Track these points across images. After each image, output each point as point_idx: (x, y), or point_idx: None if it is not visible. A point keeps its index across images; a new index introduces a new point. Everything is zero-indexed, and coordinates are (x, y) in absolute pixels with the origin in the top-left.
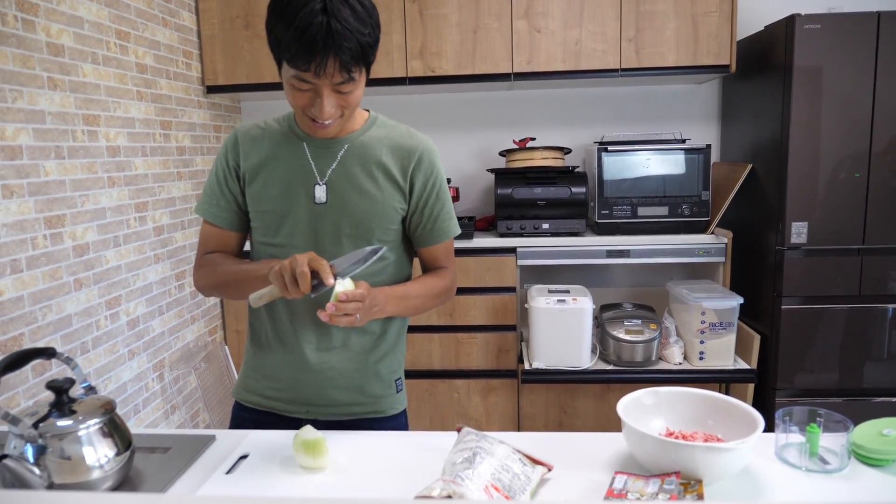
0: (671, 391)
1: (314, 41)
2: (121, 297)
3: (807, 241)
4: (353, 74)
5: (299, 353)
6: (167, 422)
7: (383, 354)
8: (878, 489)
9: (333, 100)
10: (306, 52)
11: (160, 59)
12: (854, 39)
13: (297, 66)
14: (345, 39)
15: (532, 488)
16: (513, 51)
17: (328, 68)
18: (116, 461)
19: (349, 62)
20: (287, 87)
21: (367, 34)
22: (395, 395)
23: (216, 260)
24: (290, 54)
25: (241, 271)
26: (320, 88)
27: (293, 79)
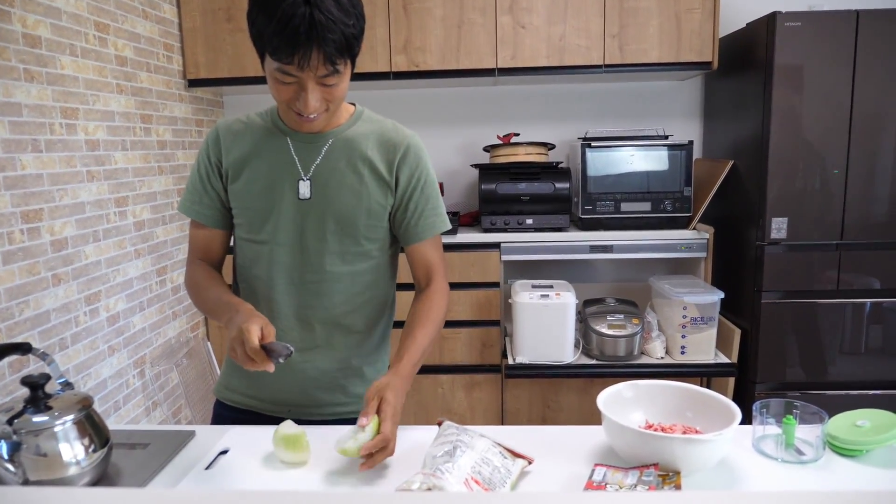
0: (651, 384)
1: (297, 33)
2: (100, 292)
3: (786, 237)
4: (337, 67)
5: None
6: (148, 419)
7: (368, 354)
8: (851, 478)
9: (318, 93)
10: (289, 45)
11: (140, 52)
12: (833, 37)
13: (279, 58)
14: (329, 31)
15: (512, 481)
16: (497, 46)
17: (312, 61)
18: (93, 457)
19: (333, 54)
20: (270, 81)
21: (352, 25)
22: None
23: (198, 282)
24: (273, 47)
25: (211, 309)
26: (304, 81)
27: (276, 72)
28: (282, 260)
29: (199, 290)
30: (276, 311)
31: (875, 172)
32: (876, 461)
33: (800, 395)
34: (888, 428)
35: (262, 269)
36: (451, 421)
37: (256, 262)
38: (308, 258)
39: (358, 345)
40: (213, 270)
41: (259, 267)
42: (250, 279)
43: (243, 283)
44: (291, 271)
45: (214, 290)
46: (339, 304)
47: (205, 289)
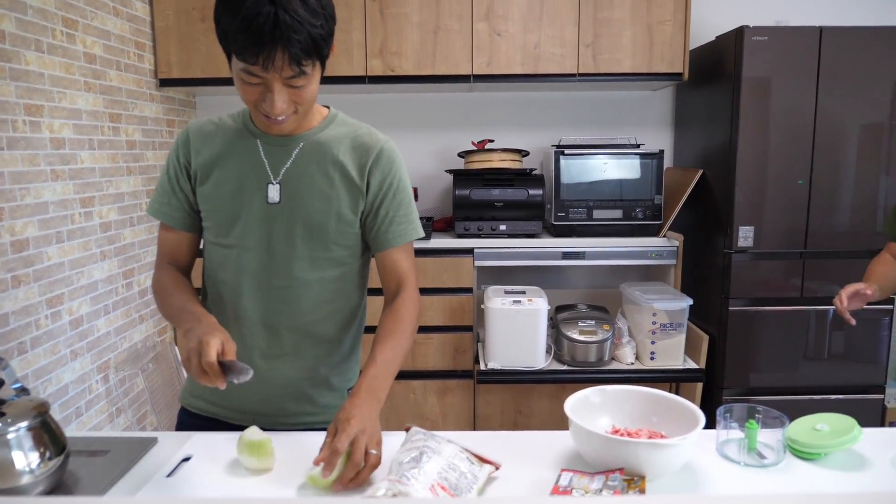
0: (617, 390)
1: (261, 33)
2: (63, 295)
3: (753, 245)
4: (304, 68)
5: (246, 359)
6: (112, 425)
7: (337, 363)
8: (810, 481)
9: (285, 94)
10: (253, 45)
11: (110, 50)
12: (798, 52)
13: (244, 58)
14: (294, 31)
15: (479, 486)
16: (473, 52)
17: (277, 61)
18: (48, 465)
19: (299, 55)
20: (237, 81)
21: (319, 26)
22: None
23: (165, 286)
24: (238, 46)
25: (174, 316)
26: (270, 82)
27: (242, 72)
28: (249, 265)
29: (165, 296)
30: (242, 317)
31: (838, 183)
32: (834, 464)
33: (766, 400)
34: (846, 431)
35: (229, 274)
36: (421, 427)
37: (224, 266)
38: (276, 263)
39: (326, 354)
40: (180, 276)
41: (226, 271)
42: (217, 283)
43: (211, 288)
44: (259, 277)
45: (179, 297)
46: (308, 312)
47: (170, 294)
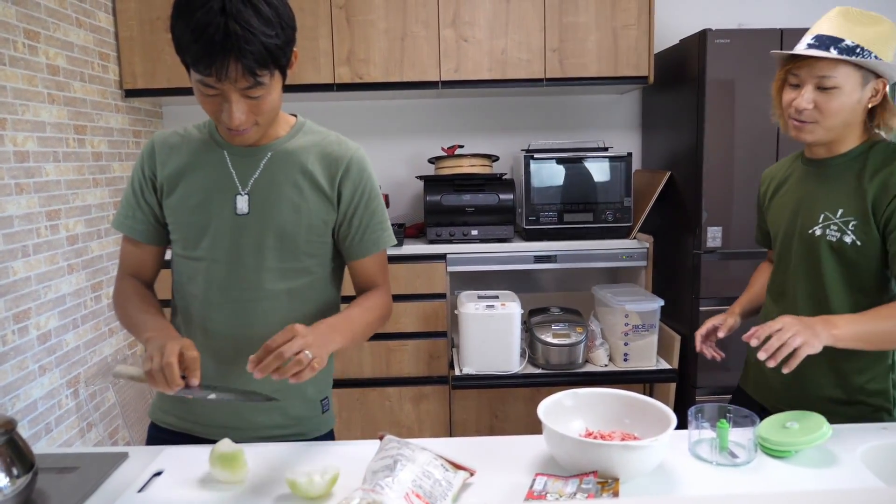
0: (590, 392)
1: (212, 43)
2: (30, 309)
3: (721, 245)
4: (260, 79)
5: (217, 372)
6: (83, 440)
7: None
8: (781, 479)
9: (243, 105)
10: (205, 56)
11: (74, 61)
12: (761, 53)
13: (198, 70)
14: (246, 42)
15: (454, 493)
16: (440, 59)
17: (231, 73)
18: (16, 484)
19: (253, 66)
20: (196, 94)
21: (274, 35)
22: (321, 415)
23: (124, 297)
24: (191, 57)
25: (134, 324)
26: (227, 93)
27: (199, 84)
28: (218, 277)
29: (126, 305)
30: (211, 330)
31: None
32: (804, 461)
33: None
34: (815, 429)
35: (198, 287)
36: (397, 434)
37: (193, 279)
38: (245, 275)
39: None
40: (141, 286)
41: (195, 284)
42: (186, 297)
43: (180, 302)
44: (228, 289)
45: (140, 307)
46: (278, 323)
47: (131, 304)
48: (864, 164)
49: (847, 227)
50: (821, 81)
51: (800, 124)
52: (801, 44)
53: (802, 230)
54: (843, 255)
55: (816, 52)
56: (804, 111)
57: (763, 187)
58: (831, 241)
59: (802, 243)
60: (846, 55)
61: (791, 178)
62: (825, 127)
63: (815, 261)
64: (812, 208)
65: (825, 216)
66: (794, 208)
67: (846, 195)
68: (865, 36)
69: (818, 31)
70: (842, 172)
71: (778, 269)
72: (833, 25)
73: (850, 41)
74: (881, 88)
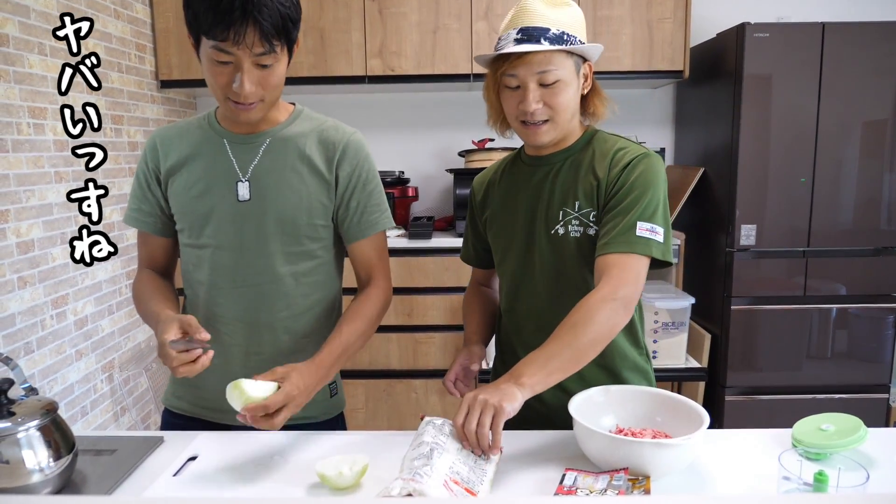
0: (621, 389)
1: (232, 8)
2: (68, 295)
3: (755, 244)
4: (274, 46)
5: (227, 359)
6: (116, 424)
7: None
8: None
9: (254, 75)
10: (224, 20)
11: (112, 52)
12: (800, 48)
13: (214, 35)
14: (265, 5)
15: (490, 478)
16: (472, 52)
17: (248, 37)
18: (58, 464)
19: (269, 31)
20: (207, 67)
21: (289, 6)
22: (330, 399)
23: (139, 290)
24: (208, 24)
25: (144, 315)
26: (240, 61)
27: (212, 51)
28: (224, 263)
29: (138, 303)
30: (219, 316)
31: (840, 181)
32: (840, 464)
33: (767, 399)
34: (852, 431)
35: (204, 274)
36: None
37: (199, 266)
38: (250, 260)
39: (305, 349)
40: (155, 278)
41: (201, 272)
42: (194, 284)
43: (188, 290)
44: (234, 274)
45: (148, 302)
46: (284, 307)
47: (141, 301)
48: (592, 153)
49: (588, 218)
50: (542, 78)
51: (534, 127)
52: (507, 41)
53: (544, 232)
54: (586, 248)
55: (531, 47)
56: (535, 111)
57: (476, 198)
58: (576, 237)
59: (548, 244)
60: (559, 44)
61: (512, 182)
62: (559, 123)
63: (561, 260)
64: (549, 207)
65: (564, 212)
66: (527, 212)
67: (582, 187)
68: (566, 21)
69: (520, 23)
70: (572, 166)
71: (512, 280)
72: (534, 15)
73: (556, 29)
74: (589, 73)
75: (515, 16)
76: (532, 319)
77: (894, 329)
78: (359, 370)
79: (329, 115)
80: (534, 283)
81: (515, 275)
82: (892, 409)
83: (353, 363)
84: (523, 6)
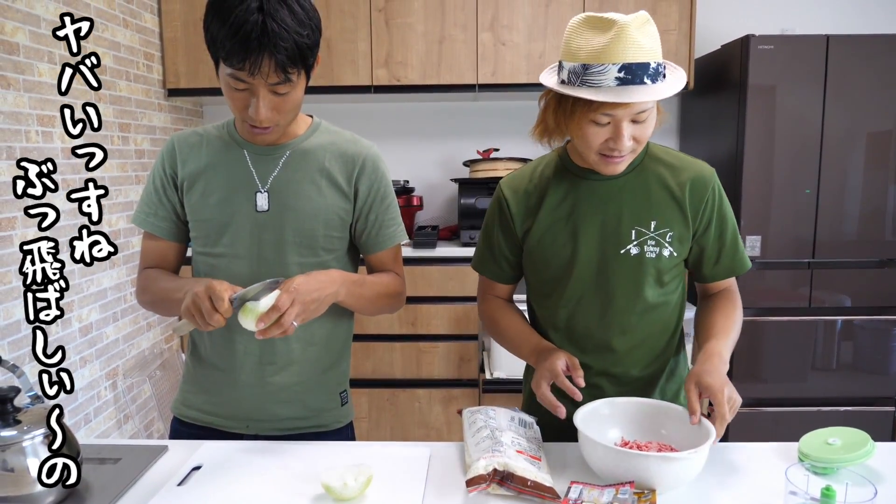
0: (627, 401)
1: (249, 39)
2: (73, 302)
3: (760, 255)
4: (290, 75)
5: (239, 367)
6: (119, 431)
7: (328, 367)
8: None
9: (269, 101)
10: (241, 50)
11: (120, 61)
12: (805, 60)
13: (231, 63)
14: (281, 39)
15: (540, 444)
16: (478, 62)
17: (263, 67)
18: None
19: (285, 62)
20: (224, 89)
21: (306, 36)
22: (340, 408)
23: (151, 276)
24: (226, 52)
25: (164, 290)
26: (256, 88)
27: (229, 77)
28: (238, 273)
29: (152, 284)
30: (232, 327)
31: (845, 192)
32: (847, 479)
33: (772, 412)
34: (859, 446)
35: None
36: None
37: (213, 275)
38: (266, 270)
39: (317, 358)
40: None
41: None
42: None
43: None
44: (248, 284)
45: (168, 278)
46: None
47: (157, 281)
48: (656, 169)
49: (665, 239)
50: (637, 116)
51: (617, 159)
52: (605, 76)
53: (613, 250)
54: (660, 268)
55: (641, 96)
56: (625, 148)
57: (510, 207)
58: (651, 258)
59: (617, 263)
60: (658, 80)
61: (564, 194)
62: (638, 152)
63: (632, 279)
64: (619, 225)
65: (638, 231)
66: (595, 228)
67: (658, 207)
68: (656, 48)
69: (621, 58)
70: (638, 182)
71: (571, 298)
72: (636, 48)
73: (654, 62)
74: None
75: (613, 46)
76: (589, 338)
77: None
78: (362, 379)
79: (334, 124)
80: (598, 301)
81: (575, 293)
82: None
83: (356, 372)
84: (622, 34)
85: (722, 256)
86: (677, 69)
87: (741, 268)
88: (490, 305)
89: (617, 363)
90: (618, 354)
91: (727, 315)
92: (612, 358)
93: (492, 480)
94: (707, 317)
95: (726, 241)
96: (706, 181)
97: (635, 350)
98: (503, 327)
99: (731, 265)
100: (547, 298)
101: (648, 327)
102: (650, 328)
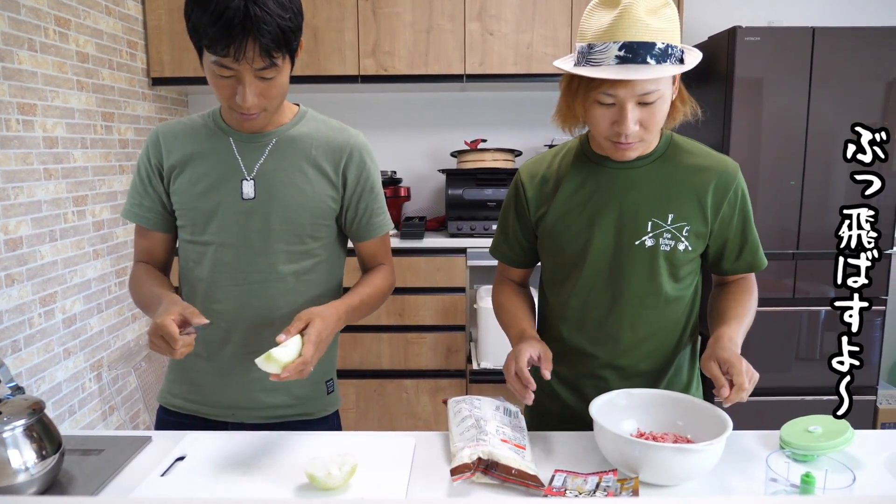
0: (644, 393)
1: (232, 24)
2: (56, 293)
3: None
4: (274, 60)
5: (224, 355)
6: (105, 423)
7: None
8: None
9: (256, 87)
10: (224, 36)
11: (103, 49)
12: (791, 52)
13: (215, 50)
14: (264, 23)
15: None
16: (465, 52)
17: (248, 52)
18: (44, 464)
19: (270, 46)
20: (210, 78)
21: (288, 19)
22: (326, 396)
23: (138, 278)
24: (209, 39)
25: (142, 303)
26: (242, 75)
27: (214, 65)
28: (226, 260)
29: (137, 287)
30: (217, 313)
31: (829, 183)
32: (827, 466)
33: (758, 401)
34: (839, 433)
35: (205, 271)
36: (414, 426)
37: (199, 263)
38: (253, 258)
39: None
40: (154, 269)
41: (202, 268)
42: (193, 281)
43: (186, 286)
44: (235, 272)
45: (149, 286)
46: (284, 305)
47: (141, 285)
48: (679, 162)
49: (681, 233)
50: (642, 98)
51: (626, 145)
52: (606, 55)
53: (627, 240)
54: (674, 261)
55: (639, 73)
56: (631, 133)
57: (527, 192)
58: (665, 251)
59: (631, 254)
60: (665, 61)
61: (581, 181)
62: (650, 140)
63: (645, 271)
64: (637, 215)
65: (654, 223)
66: (610, 218)
67: (678, 201)
68: (667, 29)
69: (622, 36)
70: (658, 173)
71: (574, 289)
72: (639, 27)
73: (661, 42)
74: (678, 77)
75: (616, 24)
76: (598, 329)
77: (882, 332)
78: (350, 370)
79: (321, 114)
80: (610, 291)
81: (588, 281)
82: (879, 410)
83: (344, 363)
84: (625, 13)
85: (744, 252)
86: (692, 51)
87: (760, 265)
88: (500, 288)
89: (624, 355)
90: (625, 347)
91: (741, 302)
92: (620, 350)
93: (476, 469)
94: (721, 302)
95: (748, 239)
96: (730, 178)
97: (643, 343)
98: (504, 311)
99: (752, 261)
100: (560, 286)
101: (658, 321)
102: (660, 322)
